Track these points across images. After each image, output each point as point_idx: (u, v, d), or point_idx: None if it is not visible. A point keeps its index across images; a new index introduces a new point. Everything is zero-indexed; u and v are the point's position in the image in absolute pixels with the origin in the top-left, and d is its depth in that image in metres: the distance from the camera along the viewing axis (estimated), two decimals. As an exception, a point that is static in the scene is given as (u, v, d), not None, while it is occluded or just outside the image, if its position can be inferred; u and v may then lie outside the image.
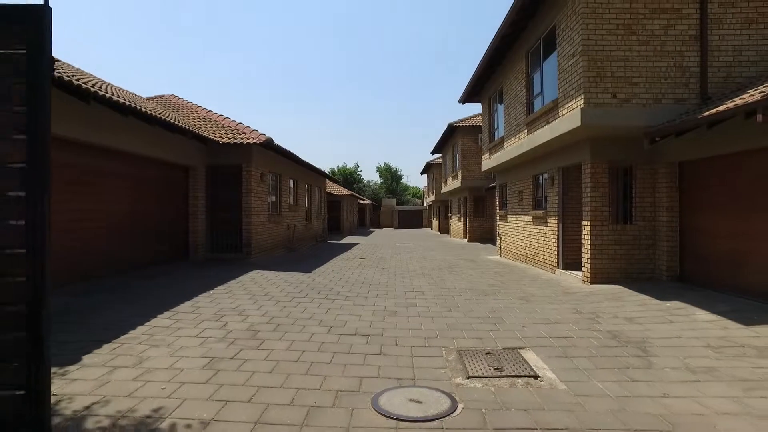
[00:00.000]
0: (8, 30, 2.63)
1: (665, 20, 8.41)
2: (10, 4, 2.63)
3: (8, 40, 2.63)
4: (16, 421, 2.62)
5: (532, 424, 3.43)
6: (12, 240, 2.64)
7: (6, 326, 2.62)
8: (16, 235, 2.64)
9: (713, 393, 4.00)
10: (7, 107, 2.64)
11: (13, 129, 2.63)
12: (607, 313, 7.01)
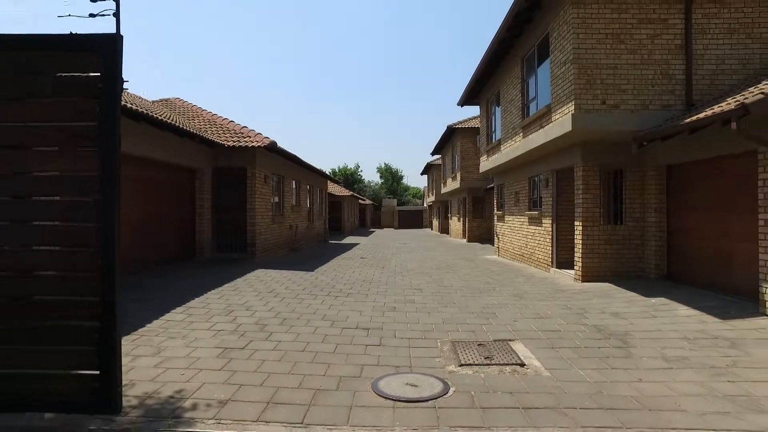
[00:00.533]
0: (86, 56, 3.07)
1: (652, 30, 8.81)
2: (87, 33, 3.07)
3: (85, 64, 3.07)
4: (91, 396, 3.07)
5: (515, 404, 3.83)
6: (87, 240, 3.07)
7: (83, 316, 3.05)
8: (91, 236, 3.06)
9: (683, 378, 4.40)
10: (83, 124, 3.08)
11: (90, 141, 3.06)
12: (595, 309, 7.41)
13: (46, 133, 3.15)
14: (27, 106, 3.20)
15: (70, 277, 3.16)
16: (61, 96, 3.15)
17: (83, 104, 3.10)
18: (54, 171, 3.15)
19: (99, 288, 3.04)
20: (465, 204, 26.99)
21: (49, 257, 3.21)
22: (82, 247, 3.08)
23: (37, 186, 3.20)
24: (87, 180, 3.07)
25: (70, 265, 3.17)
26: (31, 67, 3.16)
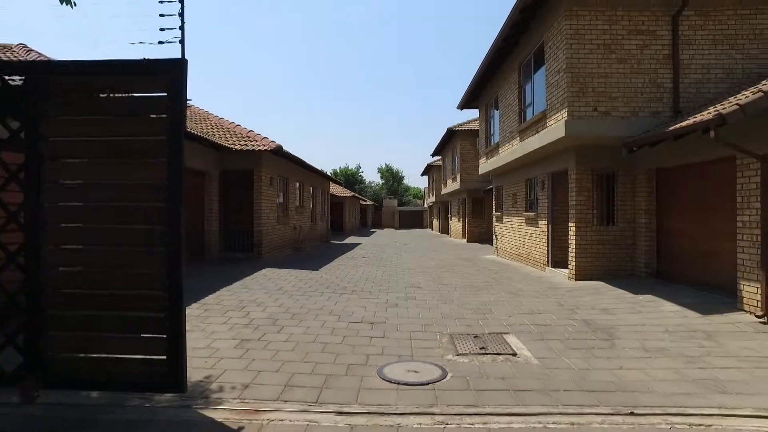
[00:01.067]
0: (154, 78, 3.56)
1: (641, 41, 9.27)
2: (157, 59, 3.56)
3: (154, 86, 3.56)
4: (162, 378, 3.58)
5: (506, 387, 4.29)
6: (155, 240, 3.55)
7: (153, 308, 3.53)
8: (158, 237, 3.54)
9: (658, 366, 4.86)
10: (152, 138, 3.55)
11: (160, 155, 3.55)
12: (585, 305, 7.87)
13: (125, 146, 3.67)
14: (110, 122, 3.73)
15: (143, 274, 3.67)
16: (136, 113, 3.70)
17: (154, 121, 3.62)
18: (131, 180, 3.67)
19: (167, 284, 3.53)
20: (465, 205, 27.45)
21: (127, 256, 3.72)
22: (152, 247, 3.56)
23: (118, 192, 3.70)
24: (156, 188, 3.56)
25: (144, 263, 3.68)
26: (113, 89, 3.67)
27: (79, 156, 3.75)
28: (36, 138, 3.57)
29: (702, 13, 9.17)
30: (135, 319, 3.62)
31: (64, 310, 3.69)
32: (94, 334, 3.65)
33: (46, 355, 3.63)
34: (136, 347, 3.64)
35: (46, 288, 3.62)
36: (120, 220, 3.68)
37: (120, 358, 3.64)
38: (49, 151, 3.62)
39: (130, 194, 3.68)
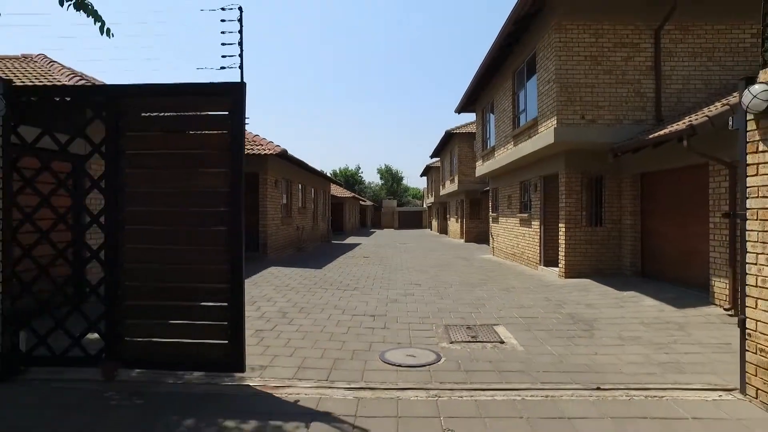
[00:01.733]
0: (219, 99, 4.17)
1: (626, 53, 9.88)
2: (220, 82, 4.21)
3: (218, 106, 4.17)
4: (221, 360, 4.21)
5: (492, 369, 4.89)
6: (218, 240, 4.16)
7: (217, 297, 4.14)
8: (221, 237, 4.15)
9: (630, 352, 5.46)
10: (218, 151, 4.17)
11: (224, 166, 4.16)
12: (572, 300, 8.47)
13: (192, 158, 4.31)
14: (180, 137, 4.39)
15: (209, 270, 4.28)
16: (203, 129, 4.34)
17: (220, 140, 4.22)
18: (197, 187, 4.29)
19: (229, 278, 4.14)
20: (462, 206, 28.05)
21: (194, 254, 4.34)
22: (217, 246, 4.18)
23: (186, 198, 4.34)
24: (220, 194, 4.18)
25: (209, 260, 4.29)
26: (184, 108, 4.28)
27: (153, 166, 4.37)
28: (116, 151, 4.21)
29: (682, 27, 9.78)
30: (201, 309, 4.25)
31: (139, 300, 4.32)
32: (165, 321, 4.27)
33: (123, 339, 4.28)
34: (202, 333, 4.26)
35: (123, 281, 4.26)
36: (187, 222, 4.32)
37: (188, 342, 4.25)
38: (126, 163, 4.26)
39: (196, 200, 4.31)
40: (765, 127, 3.84)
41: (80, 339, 4.35)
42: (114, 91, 4.32)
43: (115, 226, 4.23)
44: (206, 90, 4.23)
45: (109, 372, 4.26)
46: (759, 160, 3.90)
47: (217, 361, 4.24)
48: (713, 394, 4.13)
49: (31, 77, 8.64)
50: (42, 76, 8.49)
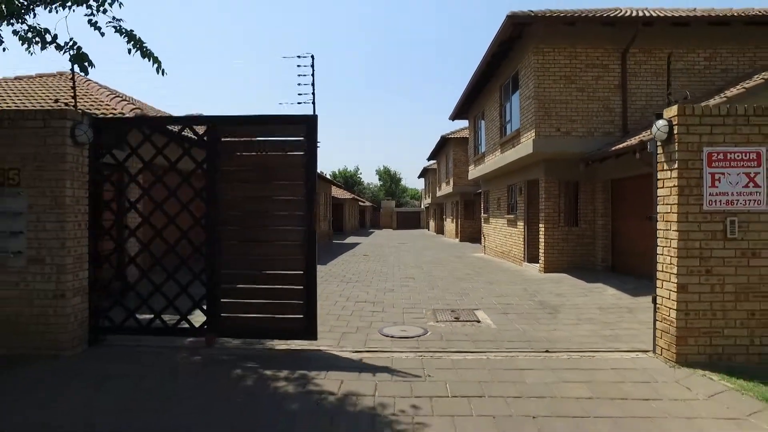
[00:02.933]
0: (297, 128, 5.45)
1: (596, 73, 11.16)
2: (299, 114, 5.50)
3: (297, 133, 5.43)
4: (298, 331, 5.46)
5: (468, 339, 6.15)
6: (297, 237, 5.43)
7: (295, 282, 5.42)
8: (299, 234, 5.43)
9: (583, 329, 6.72)
10: (297, 168, 5.44)
11: (300, 180, 5.43)
12: (545, 291, 9.75)
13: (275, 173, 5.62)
14: (266, 157, 5.63)
15: (290, 264, 5.55)
16: (283, 151, 5.58)
17: (298, 158, 5.50)
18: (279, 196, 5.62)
19: (304, 266, 5.44)
20: (457, 207, 29.32)
21: (280, 248, 5.65)
22: (296, 242, 5.50)
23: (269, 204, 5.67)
24: (298, 201, 5.48)
25: (289, 252, 5.58)
26: (270, 134, 5.56)
27: (244, 180, 5.65)
28: (214, 168, 5.52)
29: (645, 50, 11.07)
30: (283, 291, 5.53)
31: (233, 284, 5.61)
32: (254, 301, 5.54)
33: (220, 316, 5.57)
34: (283, 310, 5.54)
35: (220, 270, 5.55)
36: (272, 224, 5.65)
37: (272, 317, 5.53)
38: (223, 177, 5.56)
39: (278, 206, 5.64)
40: (667, 152, 5.13)
41: (187, 315, 5.72)
42: (214, 121, 5.62)
43: (214, 227, 5.55)
44: (286, 120, 5.60)
45: (210, 340, 5.57)
46: (664, 176, 5.19)
47: (295, 331, 5.55)
48: (633, 354, 5.42)
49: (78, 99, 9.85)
50: (85, 96, 9.70)
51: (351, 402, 4.09)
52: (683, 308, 4.95)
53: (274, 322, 5.55)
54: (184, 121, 5.99)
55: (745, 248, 4.93)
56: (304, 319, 5.48)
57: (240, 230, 5.70)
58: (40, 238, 5.08)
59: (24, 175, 5.08)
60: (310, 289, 5.46)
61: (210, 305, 5.57)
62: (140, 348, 5.55)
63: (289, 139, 5.58)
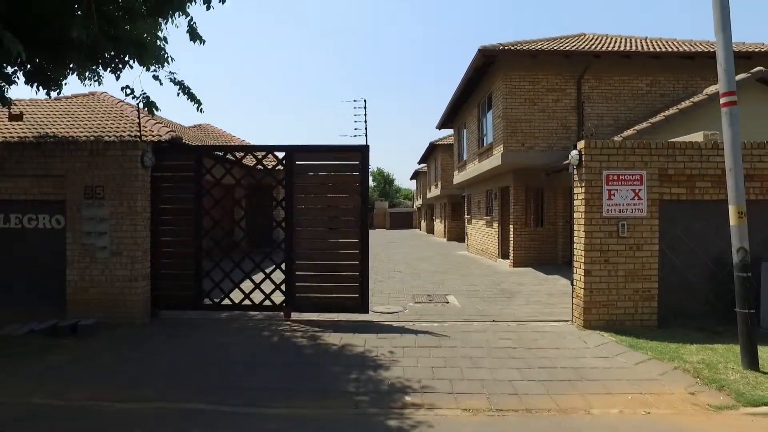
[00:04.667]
0: (353, 154, 7.33)
1: (556, 96, 13.08)
2: (355, 144, 7.68)
3: (353, 158, 7.29)
4: (354, 307, 7.33)
5: (437, 314, 8.01)
6: (354, 235, 7.31)
7: (352, 270, 7.29)
8: (354, 250, 7.29)
9: (529, 308, 8.61)
10: (353, 185, 7.29)
11: (356, 193, 7.30)
12: (509, 281, 11.66)
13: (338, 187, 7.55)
14: (330, 176, 7.53)
15: (348, 256, 7.41)
16: (346, 172, 7.44)
17: (354, 176, 7.38)
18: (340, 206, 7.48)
19: (360, 262, 7.33)
20: (445, 208, 31.23)
21: (342, 244, 7.50)
22: (354, 239, 7.38)
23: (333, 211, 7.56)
24: (354, 209, 7.36)
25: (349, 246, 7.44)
26: (335, 159, 7.44)
27: (312, 192, 7.56)
28: (291, 184, 7.45)
29: (597, 77, 13.01)
30: (342, 276, 7.43)
31: (303, 271, 7.49)
32: (321, 284, 7.44)
33: (295, 295, 7.46)
34: (343, 290, 7.44)
35: (295, 259, 7.44)
36: (336, 225, 7.58)
37: (335, 297, 7.43)
38: (297, 191, 7.47)
39: (340, 213, 7.53)
40: (579, 173, 7.04)
41: (270, 295, 7.60)
42: (291, 148, 7.51)
43: (291, 228, 7.47)
44: (345, 148, 7.63)
45: (287, 314, 7.47)
46: (577, 191, 7.11)
47: (352, 307, 7.46)
48: (556, 323, 7.33)
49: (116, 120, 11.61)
50: (122, 118, 11.46)
51: (348, 348, 6.00)
52: (588, 288, 6.87)
53: (336, 300, 7.49)
54: (267, 149, 7.85)
55: (632, 244, 6.86)
56: (359, 298, 7.44)
57: (311, 230, 7.63)
58: (119, 237, 6.91)
59: (107, 191, 6.91)
60: (363, 275, 7.43)
61: (288, 287, 7.51)
62: (192, 320, 7.40)
63: (347, 163, 7.51)
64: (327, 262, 7.50)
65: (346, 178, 7.54)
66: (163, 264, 7.61)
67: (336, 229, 7.61)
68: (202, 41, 6.79)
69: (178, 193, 7.62)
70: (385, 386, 4.89)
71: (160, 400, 4.56)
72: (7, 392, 4.65)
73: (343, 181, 7.56)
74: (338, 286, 7.48)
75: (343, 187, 7.56)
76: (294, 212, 7.49)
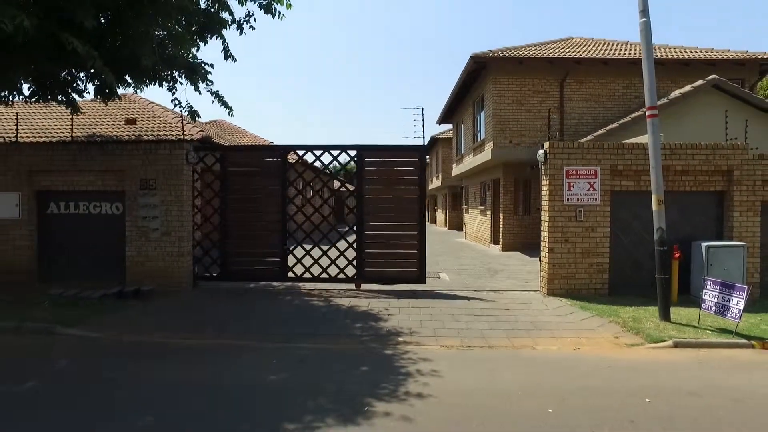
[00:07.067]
0: (413, 153, 8.95)
1: (540, 98, 14.50)
2: (414, 144, 9.62)
3: (413, 156, 8.88)
4: (414, 279, 9.00)
5: (429, 286, 9.56)
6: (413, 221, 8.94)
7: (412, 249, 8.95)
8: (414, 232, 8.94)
9: (508, 282, 10.14)
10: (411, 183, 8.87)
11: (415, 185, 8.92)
12: (496, 262, 13.18)
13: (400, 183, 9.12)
14: (394, 171, 9.07)
15: (409, 237, 8.99)
16: (407, 167, 8.99)
17: (414, 171, 8.95)
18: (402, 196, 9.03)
19: (418, 242, 8.95)
20: (446, 199, 32.68)
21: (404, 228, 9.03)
22: (413, 224, 8.94)
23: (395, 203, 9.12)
24: (413, 200, 8.93)
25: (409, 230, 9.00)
26: (397, 157, 8.99)
27: (379, 185, 9.11)
28: (361, 180, 9.01)
29: (578, 80, 14.41)
30: (406, 254, 9.00)
31: (371, 249, 9.05)
32: (387, 260, 9.03)
33: (365, 269, 9.03)
34: (405, 265, 9.03)
35: (363, 243, 9.00)
36: (398, 213, 9.07)
37: (398, 270, 9.01)
38: (365, 185, 9.01)
39: (402, 203, 9.05)
40: (545, 169, 8.53)
41: (344, 269, 9.12)
42: (360, 148, 9.02)
43: (361, 216, 9.05)
44: (406, 148, 9.28)
45: (358, 285, 9.04)
46: (543, 183, 8.61)
47: (413, 278, 9.02)
48: (527, 292, 8.88)
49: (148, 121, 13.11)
50: (154, 118, 12.97)
51: (357, 307, 7.58)
52: (551, 262, 8.40)
53: (398, 273, 9.09)
54: (341, 148, 9.17)
55: (587, 227, 8.36)
56: (417, 271, 9.05)
57: (378, 217, 9.17)
58: (168, 220, 8.48)
59: (158, 183, 8.47)
60: (421, 252, 9.04)
61: (359, 263, 9.11)
62: (228, 288, 8.98)
63: (407, 160, 9.08)
64: (391, 242, 9.05)
65: (407, 173, 9.09)
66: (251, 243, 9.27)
67: (398, 214, 9.10)
68: (234, 59, 8.29)
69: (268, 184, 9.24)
70: (383, 331, 6.47)
71: (215, 338, 6.15)
72: (103, 334, 6.25)
73: (403, 175, 9.11)
74: (401, 262, 9.08)
75: (404, 180, 9.12)
76: (363, 201, 9.06)
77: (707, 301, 6.53)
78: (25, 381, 4.60)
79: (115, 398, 4.24)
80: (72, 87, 8.05)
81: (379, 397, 4.22)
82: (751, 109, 11.49)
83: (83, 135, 11.10)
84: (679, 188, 8.47)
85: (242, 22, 7.98)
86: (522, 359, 5.56)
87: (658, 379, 4.81)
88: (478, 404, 4.15)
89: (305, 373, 4.94)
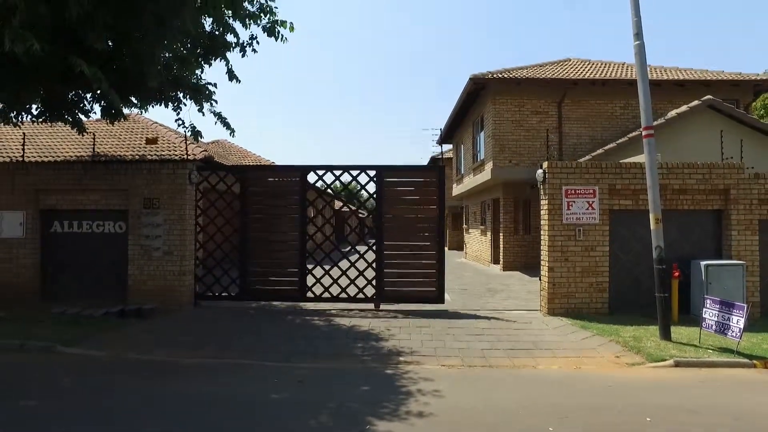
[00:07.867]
0: (432, 172, 9.20)
1: (539, 118, 14.69)
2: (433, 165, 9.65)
3: (431, 176, 9.01)
4: (433, 298, 8.93)
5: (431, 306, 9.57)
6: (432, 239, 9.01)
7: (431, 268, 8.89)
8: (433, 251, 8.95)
9: (508, 302, 10.14)
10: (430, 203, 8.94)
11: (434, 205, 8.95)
12: (496, 281, 13.20)
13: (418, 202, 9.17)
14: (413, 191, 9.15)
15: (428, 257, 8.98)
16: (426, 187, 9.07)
17: (432, 191, 9.00)
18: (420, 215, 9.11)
19: (437, 262, 8.91)
20: (447, 219, 32.80)
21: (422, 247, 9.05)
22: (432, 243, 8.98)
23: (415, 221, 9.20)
24: (433, 218, 8.98)
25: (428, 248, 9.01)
26: (416, 177, 9.12)
27: (398, 204, 9.17)
28: (381, 200, 9.05)
29: (575, 101, 14.62)
30: (423, 274, 8.97)
31: (390, 269, 9.03)
32: (405, 279, 9.01)
33: (384, 289, 9.00)
34: (423, 285, 8.98)
35: (383, 259, 8.98)
36: (417, 231, 9.12)
37: (416, 290, 8.97)
38: (385, 204, 9.05)
39: (421, 222, 9.12)
40: (544, 188, 8.63)
41: (363, 289, 9.06)
42: (380, 168, 9.09)
43: (380, 233, 9.07)
44: (425, 168, 9.83)
45: (377, 305, 9.00)
46: (542, 203, 8.69)
47: (431, 299, 8.96)
48: (527, 312, 8.88)
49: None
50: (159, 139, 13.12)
51: (357, 327, 7.58)
52: (551, 282, 8.43)
53: (417, 293, 9.03)
54: (361, 168, 9.22)
55: (587, 245, 8.42)
56: (436, 291, 8.99)
57: (395, 236, 9.16)
58: (170, 239, 8.55)
59: (161, 202, 8.56)
60: (440, 272, 9.00)
61: (378, 282, 9.05)
62: (228, 307, 8.99)
63: (426, 179, 9.18)
64: (410, 261, 9.00)
65: (426, 192, 9.14)
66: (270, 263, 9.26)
67: (418, 234, 9.13)
68: (239, 81, 8.46)
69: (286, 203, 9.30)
70: (384, 351, 6.47)
71: (216, 357, 6.16)
72: (105, 352, 6.26)
73: (423, 194, 9.17)
74: (419, 282, 9.02)
75: (423, 199, 9.17)
76: (383, 220, 9.07)
77: (707, 320, 6.54)
78: (29, 398, 4.61)
79: (114, 415, 4.25)
80: (79, 107, 8.20)
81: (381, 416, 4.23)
82: (746, 129, 11.63)
83: (88, 155, 11.24)
84: (677, 207, 8.55)
85: (246, 45, 8.16)
86: (523, 378, 5.57)
87: (660, 398, 4.81)
88: (479, 423, 4.16)
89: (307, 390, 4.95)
